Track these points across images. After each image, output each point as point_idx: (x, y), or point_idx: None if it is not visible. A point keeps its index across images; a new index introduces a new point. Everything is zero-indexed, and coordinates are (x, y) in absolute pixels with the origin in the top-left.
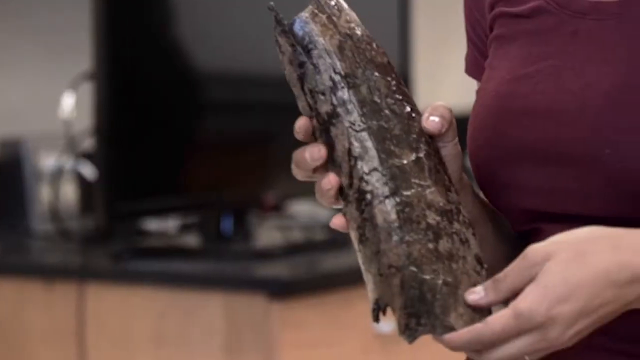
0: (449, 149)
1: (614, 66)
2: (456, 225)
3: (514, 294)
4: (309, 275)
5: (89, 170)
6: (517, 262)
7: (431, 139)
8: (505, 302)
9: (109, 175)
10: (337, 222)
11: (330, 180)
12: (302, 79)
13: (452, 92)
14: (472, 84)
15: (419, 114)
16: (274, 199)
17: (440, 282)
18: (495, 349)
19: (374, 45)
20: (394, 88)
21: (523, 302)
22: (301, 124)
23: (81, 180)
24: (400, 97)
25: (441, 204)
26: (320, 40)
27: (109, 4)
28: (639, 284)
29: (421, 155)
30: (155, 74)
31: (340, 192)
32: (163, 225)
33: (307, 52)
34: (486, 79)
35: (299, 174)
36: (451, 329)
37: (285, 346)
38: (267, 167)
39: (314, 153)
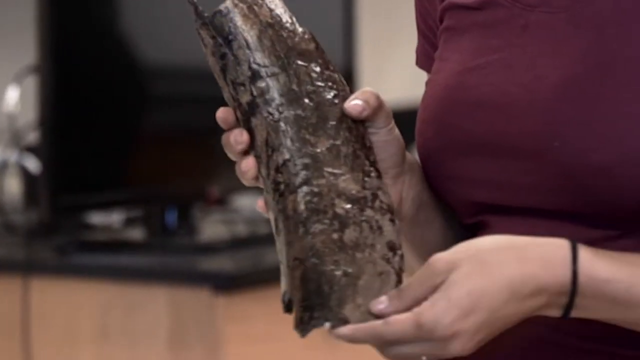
0: (382, 135)
1: (564, 59)
2: (368, 212)
3: (418, 303)
4: (253, 269)
5: (33, 164)
6: (421, 271)
7: (358, 125)
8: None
9: (53, 168)
10: (261, 204)
11: (248, 163)
12: (224, 70)
13: (398, 86)
14: (419, 78)
15: (344, 100)
16: (218, 193)
17: (339, 273)
18: (392, 347)
19: (299, 32)
20: (317, 75)
21: (427, 314)
22: (220, 115)
23: (25, 174)
24: (323, 84)
25: (354, 192)
26: (240, 31)
27: None
28: (541, 296)
29: (338, 142)
30: (99, 67)
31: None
32: (107, 219)
33: (228, 43)
34: (436, 71)
35: (231, 157)
36: (345, 321)
37: (230, 340)
38: (211, 161)
39: (237, 137)
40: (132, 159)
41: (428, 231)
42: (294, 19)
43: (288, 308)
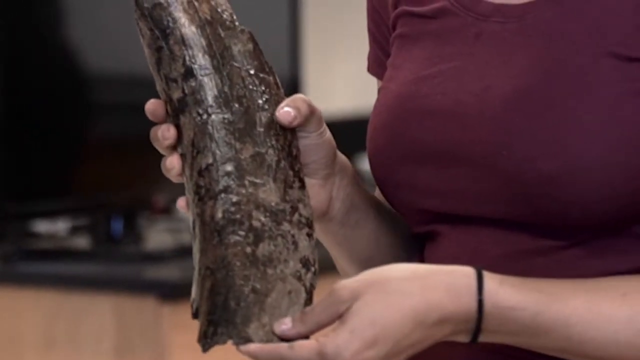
0: (313, 139)
1: (514, 69)
2: (285, 227)
3: (320, 328)
4: None
5: None
6: (325, 298)
7: (286, 131)
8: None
9: None
10: (182, 204)
11: (172, 161)
12: (158, 63)
13: (343, 94)
14: (364, 86)
15: (276, 106)
16: (163, 201)
17: (248, 289)
18: None
19: (238, 31)
20: (250, 78)
21: (330, 344)
22: (149, 107)
23: None
24: (256, 88)
25: (273, 204)
26: (178, 25)
27: None
28: (447, 324)
29: (262, 150)
30: (44, 75)
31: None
32: (53, 227)
33: (165, 37)
34: (388, 78)
35: (159, 150)
36: (248, 340)
37: (175, 348)
38: (157, 170)
39: (165, 132)
40: (78, 167)
41: (359, 234)
42: (235, 17)
43: (196, 316)
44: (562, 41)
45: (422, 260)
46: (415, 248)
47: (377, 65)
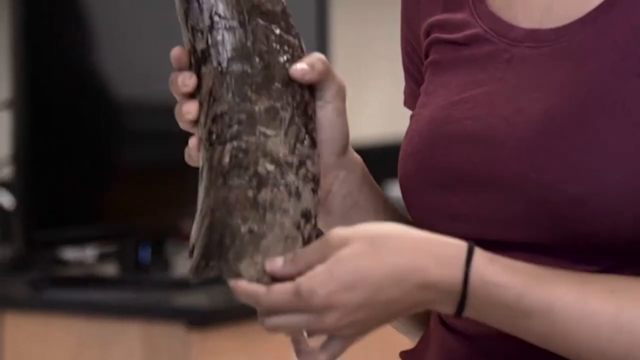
0: (328, 112)
1: (546, 92)
2: (290, 177)
3: (310, 270)
4: (227, 304)
5: (7, 199)
6: (317, 241)
7: (304, 93)
8: None
9: (26, 203)
10: (193, 142)
11: (191, 107)
12: (186, 14)
13: (373, 122)
14: (393, 114)
15: None
16: (191, 228)
17: (244, 229)
18: (270, 317)
19: None
20: (275, 37)
21: (306, 283)
22: (174, 53)
23: None
24: (279, 47)
25: (281, 155)
26: None
27: (27, 32)
28: (429, 291)
29: (277, 104)
30: (73, 102)
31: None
32: (81, 254)
33: None
34: (421, 105)
35: (174, 95)
36: (238, 276)
37: None
38: (184, 196)
39: (185, 79)
40: (106, 194)
41: None
42: None
43: (192, 254)
44: (592, 63)
45: None
46: None
47: (412, 99)
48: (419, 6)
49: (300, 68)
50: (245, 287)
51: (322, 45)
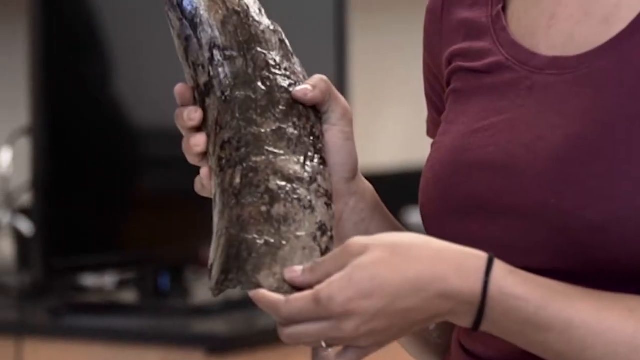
0: (335, 134)
1: (567, 119)
2: (302, 192)
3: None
4: (246, 331)
5: (26, 226)
6: (337, 250)
7: (310, 114)
8: None
9: (45, 230)
10: (204, 172)
11: (198, 139)
12: (187, 52)
13: (389, 149)
14: (410, 142)
15: None
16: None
17: (261, 242)
18: (289, 327)
19: (265, 23)
20: (275, 64)
21: (325, 289)
22: (178, 89)
23: (18, 236)
24: (280, 72)
25: (291, 172)
26: (205, 14)
27: (46, 59)
28: (448, 300)
29: (284, 125)
30: (92, 129)
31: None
32: (100, 281)
33: (194, 26)
34: (442, 132)
35: (181, 131)
36: (258, 286)
37: None
38: (203, 223)
39: (191, 114)
40: (125, 221)
41: None
42: (263, 11)
43: (210, 273)
44: (613, 89)
45: None
46: None
47: (435, 127)
48: (441, 34)
49: (302, 88)
50: (265, 295)
51: (341, 72)
